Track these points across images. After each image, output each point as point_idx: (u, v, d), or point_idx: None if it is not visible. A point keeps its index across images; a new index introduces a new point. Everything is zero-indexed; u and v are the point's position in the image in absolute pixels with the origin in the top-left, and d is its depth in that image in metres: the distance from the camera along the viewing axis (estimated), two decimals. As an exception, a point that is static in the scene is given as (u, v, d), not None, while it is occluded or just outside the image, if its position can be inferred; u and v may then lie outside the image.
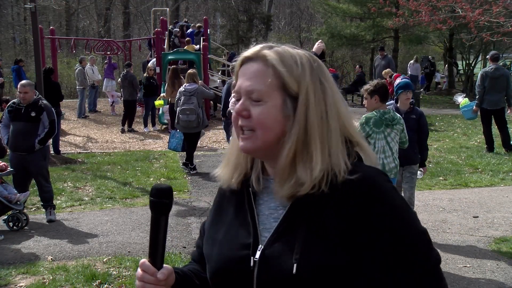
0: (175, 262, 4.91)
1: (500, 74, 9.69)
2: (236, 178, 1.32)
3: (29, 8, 10.10)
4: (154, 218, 1.26)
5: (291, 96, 1.21)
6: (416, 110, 5.55)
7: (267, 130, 1.21)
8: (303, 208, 1.19)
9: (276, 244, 1.20)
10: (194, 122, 8.79)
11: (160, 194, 1.25)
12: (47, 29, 18.99)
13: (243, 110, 1.23)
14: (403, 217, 1.19)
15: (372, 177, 1.20)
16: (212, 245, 1.32)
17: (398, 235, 1.16)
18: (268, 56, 1.23)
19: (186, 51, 16.14)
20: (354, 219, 1.16)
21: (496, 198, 7.08)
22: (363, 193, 1.17)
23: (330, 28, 23.30)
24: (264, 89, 1.21)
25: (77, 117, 16.06)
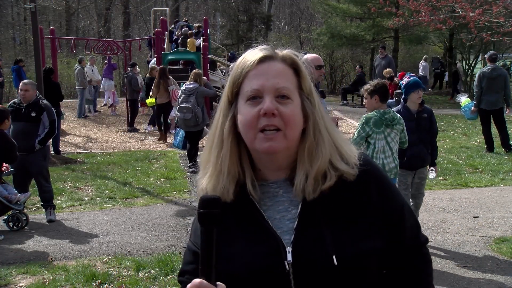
0: (175, 262, 4.91)
1: (497, 74, 9.69)
2: (233, 188, 1.26)
3: (29, 8, 10.10)
4: (205, 231, 1.17)
5: (305, 94, 1.26)
6: (426, 108, 5.31)
7: (295, 128, 1.22)
8: (316, 202, 1.21)
9: (304, 243, 1.20)
10: (190, 121, 8.80)
11: (208, 205, 1.18)
12: (47, 29, 18.98)
13: (275, 108, 1.20)
14: (399, 198, 1.35)
15: (373, 166, 1.32)
16: (229, 262, 1.24)
17: (400, 214, 1.32)
18: (290, 56, 1.27)
19: (186, 51, 16.14)
20: (369, 204, 1.25)
21: (496, 198, 7.08)
22: (371, 181, 1.27)
23: (330, 28, 23.28)
24: (291, 87, 1.24)
25: (77, 117, 16.06)
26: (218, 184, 1.26)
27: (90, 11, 33.01)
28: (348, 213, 1.22)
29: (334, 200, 1.22)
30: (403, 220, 1.32)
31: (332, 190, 1.22)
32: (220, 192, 1.25)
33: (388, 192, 1.31)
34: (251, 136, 1.21)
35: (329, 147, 1.24)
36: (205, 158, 1.31)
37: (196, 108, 8.72)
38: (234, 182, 1.26)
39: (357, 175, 1.25)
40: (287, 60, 1.26)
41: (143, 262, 4.97)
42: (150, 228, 6.13)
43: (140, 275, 4.72)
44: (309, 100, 1.26)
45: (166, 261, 4.94)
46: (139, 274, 4.74)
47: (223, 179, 1.26)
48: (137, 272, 4.79)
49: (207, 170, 1.29)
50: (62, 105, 11.56)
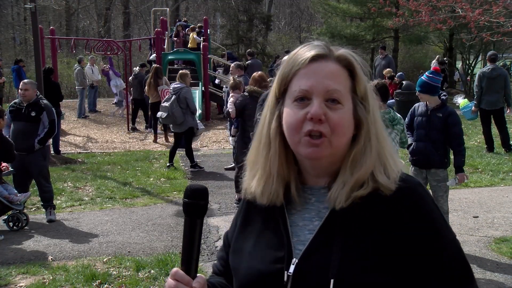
0: (175, 262, 4.91)
1: (497, 74, 9.69)
2: (282, 191, 1.20)
3: (29, 8, 10.10)
4: (189, 221, 1.15)
5: (358, 98, 1.16)
6: (445, 108, 4.99)
7: (343, 135, 1.13)
8: (340, 219, 1.12)
9: (311, 258, 1.13)
10: (167, 120, 8.86)
11: (195, 195, 1.16)
12: (47, 29, 18.99)
13: (322, 113, 1.11)
14: (444, 234, 1.13)
15: (415, 190, 1.15)
16: (240, 257, 1.24)
17: (441, 255, 1.11)
18: (346, 56, 1.17)
19: (186, 51, 16.15)
20: (396, 236, 1.09)
21: (496, 198, 7.08)
22: (406, 208, 1.11)
23: (330, 28, 23.31)
24: (344, 90, 1.14)
25: (77, 117, 16.06)
26: (268, 189, 1.20)
27: (90, 11, 33.02)
28: (372, 235, 1.10)
29: (362, 217, 1.12)
30: (441, 259, 1.11)
31: (364, 204, 1.12)
32: (271, 197, 1.20)
33: (427, 220, 1.12)
34: (295, 139, 1.14)
35: (375, 157, 1.14)
36: (253, 158, 1.24)
37: (174, 108, 8.70)
38: (283, 185, 1.20)
39: (393, 193, 1.12)
40: (342, 61, 1.16)
41: (143, 262, 4.97)
42: (150, 228, 6.13)
43: (140, 275, 4.72)
44: (363, 105, 1.16)
45: (166, 261, 4.94)
46: (139, 274, 4.74)
47: (272, 182, 1.19)
48: (137, 272, 4.79)
49: (255, 172, 1.23)
50: (62, 105, 11.56)
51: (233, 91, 7.97)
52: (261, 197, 1.21)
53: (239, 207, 1.36)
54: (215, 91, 15.83)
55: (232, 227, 1.36)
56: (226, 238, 1.38)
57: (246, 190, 1.26)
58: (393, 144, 4.67)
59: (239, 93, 7.57)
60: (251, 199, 1.25)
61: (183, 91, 8.83)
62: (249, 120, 6.64)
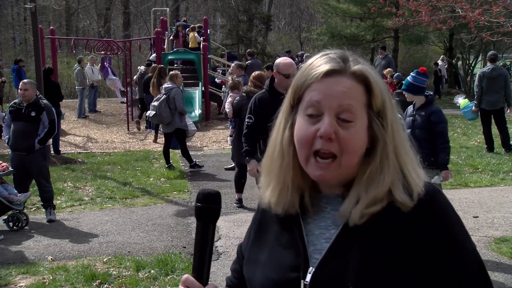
0: (175, 262, 4.91)
1: (497, 74, 9.70)
2: (298, 201, 1.18)
3: (29, 8, 10.10)
4: (201, 226, 1.13)
5: (375, 115, 1.12)
6: (429, 106, 5.10)
7: (354, 154, 1.10)
8: (358, 229, 1.09)
9: (328, 267, 1.10)
10: (154, 119, 8.88)
11: (207, 199, 1.13)
12: (47, 29, 18.99)
13: (333, 132, 1.08)
14: (464, 246, 1.11)
15: (436, 201, 1.11)
16: (255, 267, 1.21)
17: (461, 268, 1.09)
18: (362, 71, 1.12)
19: (186, 51, 16.15)
20: (415, 247, 1.07)
21: (496, 198, 7.08)
22: (425, 220, 1.08)
23: (330, 28, 23.30)
24: (357, 107, 1.10)
25: (77, 117, 16.06)
26: (283, 199, 1.18)
27: (90, 11, 33.02)
28: (389, 247, 1.07)
29: (378, 231, 1.09)
30: (461, 271, 1.08)
31: (379, 218, 1.09)
32: (286, 207, 1.18)
33: (447, 232, 1.09)
34: (304, 155, 1.12)
35: (393, 174, 1.10)
36: (267, 166, 1.22)
37: (162, 108, 8.71)
38: (298, 194, 1.18)
39: (414, 207, 1.08)
40: (357, 76, 1.11)
41: (143, 262, 4.97)
42: (150, 228, 6.13)
43: (140, 275, 4.72)
44: (380, 121, 1.11)
45: (166, 261, 4.94)
46: (139, 274, 4.74)
47: (287, 193, 1.18)
48: (137, 272, 4.79)
49: (270, 181, 1.21)
50: (62, 105, 11.57)
51: (231, 91, 7.98)
52: (276, 206, 1.19)
53: (253, 216, 1.33)
54: (215, 91, 15.83)
55: (246, 239, 1.33)
56: (240, 250, 1.35)
57: (261, 198, 1.24)
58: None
59: (237, 93, 7.58)
60: (266, 208, 1.23)
61: (173, 91, 8.85)
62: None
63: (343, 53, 1.15)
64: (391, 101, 1.15)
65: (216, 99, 15.95)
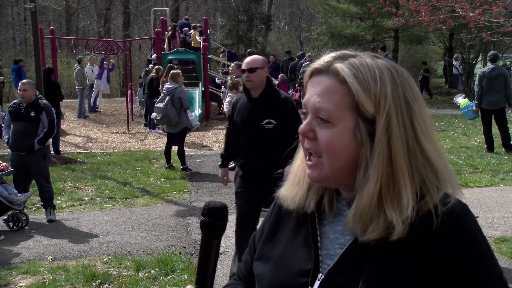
0: (175, 262, 4.91)
1: (497, 74, 9.70)
2: (316, 200, 1.15)
3: (29, 8, 10.10)
4: (205, 240, 1.10)
5: (366, 118, 1.02)
6: None
7: (335, 157, 1.03)
8: (368, 245, 1.03)
9: (339, 276, 1.05)
10: (161, 121, 8.82)
11: (212, 214, 1.10)
12: (47, 29, 18.99)
13: (309, 130, 1.06)
14: (489, 271, 1.02)
15: (461, 219, 1.02)
16: (265, 265, 1.19)
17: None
18: (340, 70, 1.04)
19: (186, 51, 16.15)
20: (434, 268, 0.99)
21: (496, 198, 7.08)
22: (449, 239, 1.00)
23: (330, 28, 23.31)
24: (335, 108, 1.03)
25: (77, 117, 16.07)
26: (297, 193, 1.16)
27: (90, 11, 33.03)
28: (407, 267, 1.00)
29: (394, 246, 1.00)
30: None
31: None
32: (299, 201, 1.16)
33: (470, 255, 1.00)
34: (304, 155, 1.12)
35: (374, 187, 1.00)
36: (292, 165, 1.21)
37: (169, 109, 8.67)
38: (318, 194, 1.15)
39: (438, 228, 0.99)
40: (337, 76, 1.04)
41: (143, 262, 4.97)
42: (150, 228, 6.14)
43: (140, 275, 4.72)
44: (367, 126, 1.01)
45: (166, 261, 4.94)
46: (139, 274, 4.74)
47: (301, 187, 1.16)
48: (137, 272, 4.79)
49: (289, 179, 1.21)
50: (62, 105, 11.57)
51: (231, 91, 7.98)
52: (290, 202, 1.18)
53: (269, 210, 1.30)
54: (215, 91, 15.83)
55: (260, 230, 1.30)
56: (253, 242, 1.32)
57: (279, 195, 1.23)
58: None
59: (236, 93, 7.57)
60: (282, 205, 1.21)
61: (177, 91, 8.82)
62: None
63: (345, 52, 1.10)
64: (400, 106, 1.02)
65: (216, 99, 15.96)
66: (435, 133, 1.08)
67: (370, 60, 1.05)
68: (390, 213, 1.00)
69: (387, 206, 1.00)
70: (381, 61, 1.06)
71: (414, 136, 1.02)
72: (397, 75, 1.04)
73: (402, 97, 1.03)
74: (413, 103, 1.03)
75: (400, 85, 1.03)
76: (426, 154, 1.03)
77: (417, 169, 1.02)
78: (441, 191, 1.04)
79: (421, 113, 1.04)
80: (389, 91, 1.02)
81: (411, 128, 1.02)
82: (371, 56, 1.07)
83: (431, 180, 1.03)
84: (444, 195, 1.03)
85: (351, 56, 1.07)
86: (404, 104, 1.02)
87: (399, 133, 1.01)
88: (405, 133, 1.01)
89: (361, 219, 1.02)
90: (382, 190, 1.00)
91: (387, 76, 1.03)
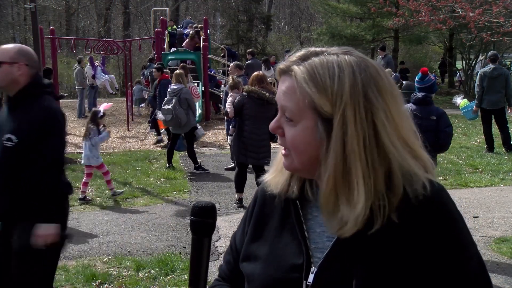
0: (175, 262, 4.91)
1: (498, 74, 9.71)
2: (298, 185, 1.18)
3: (29, 8, 10.10)
4: (197, 240, 1.12)
5: (324, 117, 1.04)
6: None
7: (300, 153, 1.09)
8: (359, 230, 1.05)
9: (332, 267, 1.07)
10: (171, 122, 8.80)
11: (202, 213, 1.12)
12: (47, 29, 18.99)
13: (277, 128, 1.12)
14: (467, 248, 1.08)
15: (440, 199, 1.07)
16: (254, 264, 1.19)
17: (464, 270, 1.07)
18: (296, 73, 1.07)
19: (186, 51, 16.15)
20: (421, 247, 1.03)
21: (496, 198, 7.08)
22: (433, 219, 1.04)
23: (331, 28, 23.33)
24: (295, 108, 1.07)
25: (77, 117, 16.06)
26: (280, 178, 1.20)
27: (90, 11, 33.04)
28: (394, 251, 1.04)
29: (381, 233, 1.04)
30: (463, 273, 1.06)
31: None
32: (282, 186, 1.19)
33: (453, 235, 1.05)
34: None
35: (327, 182, 1.04)
36: (277, 154, 1.25)
37: (178, 110, 8.65)
38: (300, 180, 1.18)
39: (418, 208, 1.04)
40: (296, 76, 1.07)
41: (143, 262, 4.97)
42: (150, 228, 6.14)
43: (140, 275, 4.72)
44: (325, 124, 1.04)
45: (166, 261, 4.94)
46: (139, 274, 4.74)
47: (284, 173, 1.19)
48: (137, 272, 4.79)
49: (274, 165, 1.24)
50: (62, 105, 11.56)
51: (232, 91, 7.97)
52: (273, 186, 1.21)
53: (248, 209, 1.31)
54: (214, 91, 15.83)
55: (241, 230, 1.31)
56: (234, 241, 1.33)
57: (262, 184, 1.26)
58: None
59: (237, 92, 7.57)
60: (265, 199, 1.24)
61: (183, 91, 8.81)
62: (247, 119, 6.65)
63: (310, 50, 1.10)
64: (359, 102, 1.02)
65: (214, 98, 15.94)
66: (410, 125, 1.08)
67: (334, 58, 1.05)
68: (344, 208, 1.03)
69: (342, 201, 1.03)
70: (347, 58, 1.06)
71: (373, 133, 1.02)
72: (360, 72, 1.04)
73: (361, 94, 1.02)
74: (375, 99, 1.03)
75: (361, 82, 1.03)
76: (385, 149, 1.03)
77: (376, 165, 1.02)
78: (417, 181, 1.05)
79: (388, 108, 1.04)
80: (347, 88, 1.02)
81: (371, 124, 1.02)
82: (343, 52, 1.07)
83: (398, 172, 1.04)
84: (419, 184, 1.05)
85: (314, 54, 1.08)
86: (363, 101, 1.02)
87: (355, 131, 1.01)
88: (362, 130, 1.01)
89: (325, 212, 1.07)
90: (337, 186, 1.03)
91: (347, 74, 1.03)
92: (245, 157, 6.70)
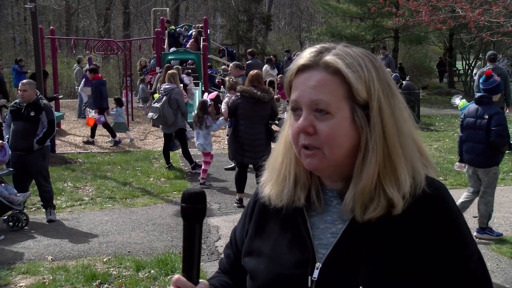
0: (175, 262, 4.91)
1: (497, 74, 9.68)
2: (304, 195, 1.17)
3: (29, 8, 10.10)
4: (188, 226, 1.12)
5: (359, 104, 1.07)
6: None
7: (337, 147, 1.07)
8: (366, 224, 1.07)
9: (337, 263, 1.08)
10: (158, 121, 8.81)
11: (192, 199, 1.12)
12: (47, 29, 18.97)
13: (309, 126, 1.08)
14: (469, 244, 1.11)
15: (442, 196, 1.11)
16: (258, 260, 1.20)
17: (465, 265, 1.10)
18: (331, 62, 1.07)
19: (186, 51, 16.15)
20: (424, 242, 1.06)
21: (496, 198, 7.04)
22: (436, 214, 1.08)
23: (331, 28, 23.35)
24: (331, 99, 1.06)
25: (77, 117, 16.05)
26: (283, 190, 1.18)
27: (90, 11, 33.02)
28: (399, 246, 1.06)
29: (386, 227, 1.07)
30: (465, 269, 1.09)
31: (386, 216, 1.07)
32: (287, 197, 1.18)
33: (454, 229, 1.08)
34: (296, 151, 1.14)
35: (375, 167, 1.06)
36: (272, 163, 1.23)
37: (166, 109, 8.63)
38: (305, 189, 1.17)
39: (421, 203, 1.07)
40: (328, 68, 1.07)
41: (143, 262, 4.97)
42: (150, 228, 6.13)
43: (140, 275, 4.72)
44: (364, 112, 1.07)
45: (166, 261, 4.94)
46: (139, 274, 4.74)
47: (288, 184, 1.18)
48: (137, 272, 4.79)
49: (271, 177, 1.22)
50: (62, 105, 11.56)
51: (229, 92, 7.97)
52: (276, 200, 1.19)
53: (248, 205, 1.32)
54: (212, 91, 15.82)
55: (241, 224, 1.32)
56: (234, 236, 1.34)
57: (260, 191, 1.24)
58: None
59: (234, 93, 7.57)
60: (265, 202, 1.22)
61: (173, 92, 8.78)
62: (241, 119, 6.65)
63: (324, 46, 1.12)
64: (385, 89, 1.08)
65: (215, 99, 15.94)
66: (413, 120, 1.15)
67: (348, 50, 1.10)
68: (390, 190, 1.06)
69: (386, 184, 1.06)
70: (356, 49, 1.11)
71: (399, 118, 1.09)
72: (375, 61, 1.11)
73: (385, 81, 1.09)
74: (393, 85, 1.11)
75: (380, 69, 1.10)
76: (411, 134, 1.11)
77: (407, 148, 1.09)
78: (426, 169, 1.12)
79: (398, 95, 1.12)
80: (375, 76, 1.08)
81: (396, 109, 1.09)
82: (347, 46, 1.12)
83: (417, 159, 1.10)
84: (422, 179, 1.10)
85: (332, 47, 1.11)
86: (387, 87, 1.09)
87: (390, 115, 1.08)
88: (393, 115, 1.08)
89: (360, 200, 1.07)
90: (380, 170, 1.07)
91: (368, 62, 1.09)
92: (241, 157, 6.71)
